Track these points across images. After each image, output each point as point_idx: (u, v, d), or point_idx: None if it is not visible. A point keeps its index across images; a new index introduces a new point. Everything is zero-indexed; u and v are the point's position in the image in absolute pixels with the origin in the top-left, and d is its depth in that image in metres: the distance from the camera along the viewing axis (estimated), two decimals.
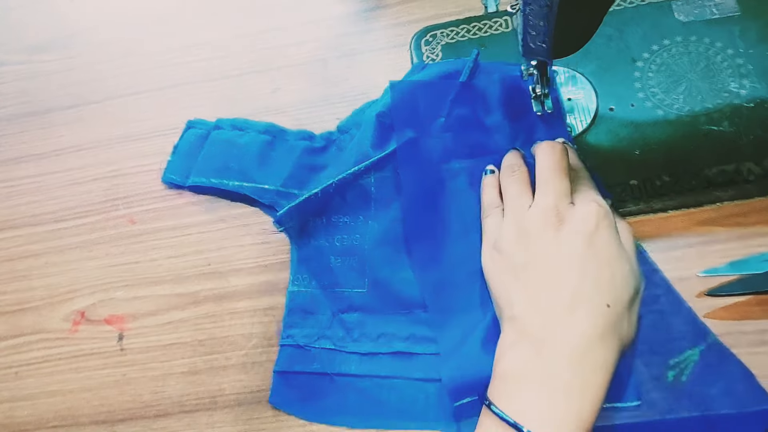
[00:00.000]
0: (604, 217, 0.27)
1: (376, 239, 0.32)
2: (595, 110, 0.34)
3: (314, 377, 0.31)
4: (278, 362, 0.32)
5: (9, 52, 0.46)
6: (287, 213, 0.33)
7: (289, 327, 0.32)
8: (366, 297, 0.32)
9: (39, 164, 0.41)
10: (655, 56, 0.35)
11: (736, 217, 0.31)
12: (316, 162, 0.36)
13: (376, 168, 0.33)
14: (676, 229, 0.31)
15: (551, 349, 0.24)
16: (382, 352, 0.30)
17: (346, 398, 0.30)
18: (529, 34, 0.28)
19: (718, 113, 0.33)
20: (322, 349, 0.31)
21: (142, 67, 0.43)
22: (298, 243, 0.34)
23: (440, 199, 0.32)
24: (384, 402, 0.29)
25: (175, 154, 0.38)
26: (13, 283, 0.38)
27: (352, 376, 0.30)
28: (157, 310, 0.35)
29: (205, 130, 0.38)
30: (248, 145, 0.36)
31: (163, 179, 0.38)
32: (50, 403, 0.34)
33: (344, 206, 0.33)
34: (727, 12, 0.35)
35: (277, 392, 0.31)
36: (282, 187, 0.35)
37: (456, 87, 0.34)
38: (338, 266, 0.33)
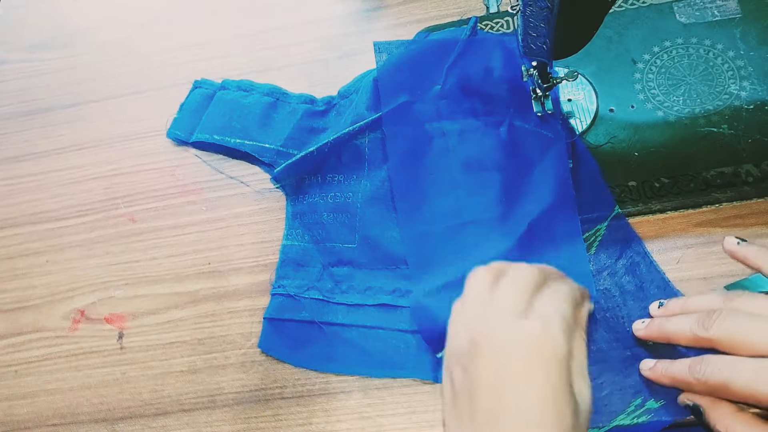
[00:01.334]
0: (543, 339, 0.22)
1: (368, 197, 0.34)
2: (595, 111, 0.34)
3: (303, 325, 0.32)
4: (269, 310, 0.32)
5: (10, 51, 0.46)
6: (284, 170, 0.35)
7: (281, 278, 0.33)
8: (355, 252, 0.33)
9: (39, 163, 0.41)
10: (656, 58, 0.35)
11: (735, 219, 0.31)
12: (316, 125, 0.37)
13: (370, 129, 0.34)
14: (674, 231, 0.31)
15: None
16: (369, 304, 0.32)
17: (332, 346, 0.31)
18: (530, 35, 0.28)
19: (717, 115, 0.33)
20: (311, 299, 0.32)
21: (142, 67, 0.43)
22: (293, 199, 0.35)
23: (427, 158, 0.33)
24: (369, 351, 0.31)
25: (181, 111, 0.39)
26: (13, 281, 0.38)
27: (339, 325, 0.31)
28: (156, 308, 0.35)
29: (211, 90, 0.39)
30: (252, 106, 0.38)
31: (168, 135, 0.39)
32: (50, 401, 0.34)
33: (339, 165, 0.35)
34: (729, 14, 0.35)
35: (267, 338, 0.32)
36: (282, 147, 0.36)
37: (453, 55, 0.34)
38: (330, 222, 0.34)
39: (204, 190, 0.38)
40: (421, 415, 0.30)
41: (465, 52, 0.34)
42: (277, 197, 0.37)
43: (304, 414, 0.31)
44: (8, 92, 0.44)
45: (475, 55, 0.34)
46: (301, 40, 0.41)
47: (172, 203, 0.38)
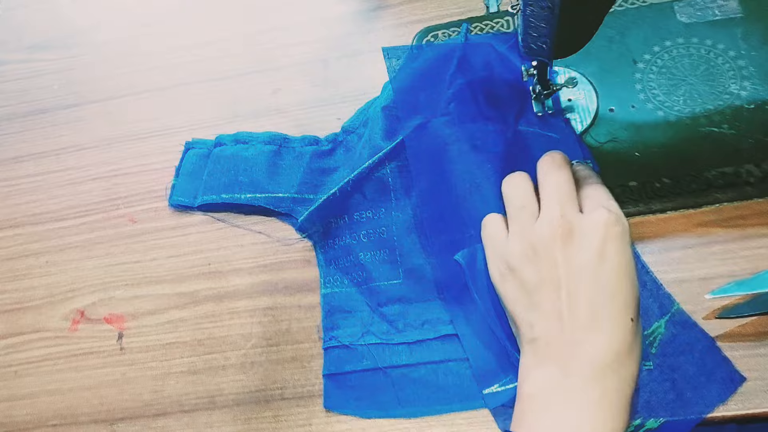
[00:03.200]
0: (614, 223, 0.25)
1: (402, 228, 0.33)
2: (595, 111, 0.34)
3: (366, 374, 0.30)
4: (326, 365, 0.31)
5: (10, 52, 0.46)
6: (308, 218, 0.33)
7: (331, 329, 0.32)
8: (403, 287, 0.32)
9: (39, 163, 0.41)
10: (657, 58, 0.35)
11: (736, 219, 0.31)
12: (326, 165, 0.36)
13: (389, 158, 0.33)
14: (675, 231, 0.31)
15: (576, 369, 0.24)
16: (430, 338, 0.30)
17: (402, 390, 0.30)
18: (530, 35, 0.28)
19: (718, 115, 0.33)
20: (369, 345, 0.31)
21: (142, 67, 0.43)
22: (323, 245, 0.34)
23: (447, 170, 0.32)
24: (442, 386, 0.29)
25: (178, 176, 0.38)
26: (13, 282, 0.38)
27: (405, 366, 0.30)
28: (156, 309, 0.35)
29: (206, 149, 0.38)
30: (255, 157, 0.36)
31: (171, 203, 0.37)
32: (50, 401, 0.34)
33: (364, 202, 0.33)
34: (730, 14, 0.35)
35: (330, 396, 0.30)
36: (296, 194, 0.35)
37: (453, 63, 0.34)
38: (369, 261, 0.32)
39: None
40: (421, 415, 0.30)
41: (464, 58, 0.34)
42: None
43: (305, 415, 0.31)
44: (8, 93, 0.44)
45: (474, 60, 0.34)
46: (301, 40, 0.41)
47: None
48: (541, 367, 0.25)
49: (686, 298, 0.29)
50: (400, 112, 0.33)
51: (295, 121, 0.38)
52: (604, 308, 0.24)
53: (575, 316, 0.24)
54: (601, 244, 0.25)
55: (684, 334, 0.28)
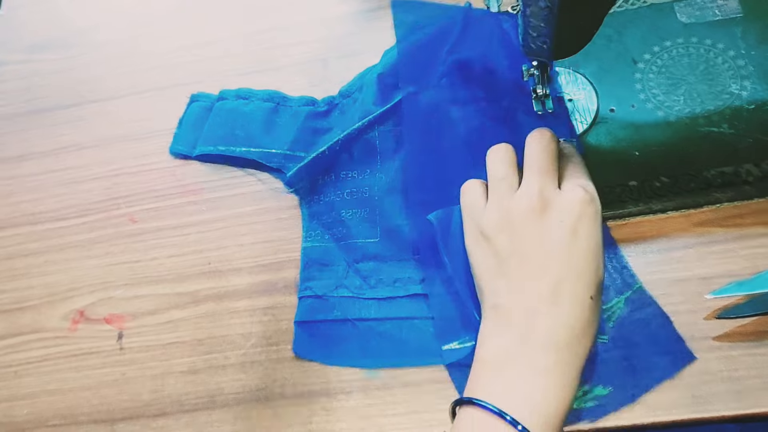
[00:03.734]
0: (589, 203, 0.26)
1: (385, 189, 0.34)
2: (595, 111, 0.34)
3: (335, 324, 0.32)
4: (298, 313, 0.32)
5: (10, 51, 0.46)
6: (297, 173, 0.35)
7: (307, 280, 0.33)
8: (379, 245, 0.33)
9: (40, 163, 0.41)
10: (656, 57, 0.35)
11: (735, 219, 0.31)
12: (320, 125, 0.37)
13: (378, 122, 0.34)
14: (674, 230, 0.31)
15: (533, 339, 0.24)
16: (400, 295, 0.32)
17: (367, 341, 0.31)
18: (530, 35, 0.28)
19: (718, 115, 0.33)
20: (341, 297, 0.32)
21: (142, 67, 0.43)
22: (309, 201, 0.35)
23: (437, 138, 0.34)
24: (405, 341, 0.31)
25: (180, 126, 0.39)
26: (12, 281, 0.38)
27: (373, 320, 0.31)
28: (156, 309, 0.35)
29: (208, 102, 0.39)
30: (253, 113, 0.38)
31: (171, 150, 0.38)
32: (49, 401, 0.34)
33: (351, 161, 0.35)
34: (730, 13, 0.35)
35: (300, 342, 0.32)
36: (289, 150, 0.36)
37: (450, 40, 0.35)
38: (350, 218, 0.34)
39: (204, 190, 0.38)
40: (422, 414, 0.30)
41: (462, 34, 0.35)
42: (276, 197, 0.37)
43: (305, 414, 0.31)
44: (8, 92, 0.44)
45: (472, 36, 0.35)
46: (301, 40, 0.41)
47: (172, 203, 0.38)
48: (500, 333, 0.25)
49: (686, 297, 0.29)
50: (395, 80, 0.35)
51: None
52: (568, 285, 0.25)
53: (539, 288, 0.25)
54: (574, 223, 0.26)
55: (641, 311, 0.29)
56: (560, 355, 0.24)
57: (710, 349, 0.28)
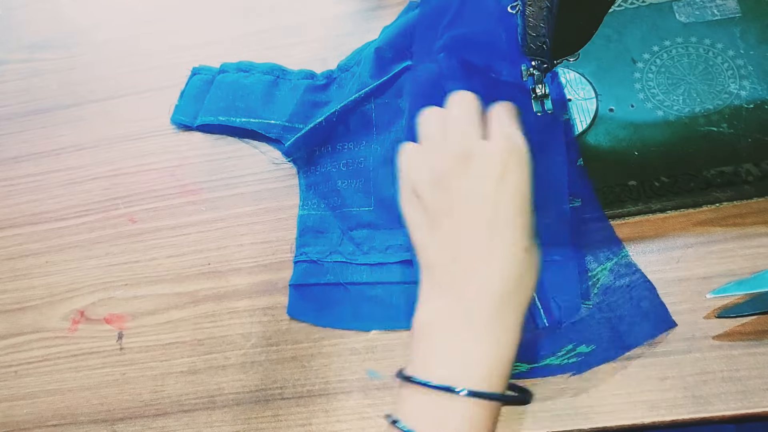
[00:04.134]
0: (512, 151, 0.25)
1: (379, 161, 0.35)
2: (594, 111, 0.34)
3: (328, 288, 0.33)
4: (293, 277, 0.33)
5: (10, 51, 0.46)
6: (294, 143, 0.36)
7: (302, 246, 0.34)
8: (372, 214, 0.34)
9: (39, 163, 0.41)
10: (656, 57, 0.35)
11: (735, 218, 0.31)
12: (319, 98, 0.38)
13: (375, 95, 0.35)
14: (674, 230, 0.31)
15: (469, 297, 0.24)
16: (391, 261, 0.33)
17: (358, 305, 0.32)
18: (529, 35, 0.28)
19: (717, 114, 0.33)
20: (334, 262, 0.33)
21: (142, 67, 0.43)
22: (306, 171, 0.36)
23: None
24: (395, 304, 0.32)
25: (182, 98, 0.40)
26: (13, 281, 0.38)
27: (364, 284, 0.32)
28: (156, 309, 0.35)
29: (210, 75, 0.40)
30: (253, 85, 0.38)
31: (172, 120, 0.39)
32: (49, 401, 0.34)
33: (347, 133, 0.36)
34: (728, 13, 0.35)
35: (294, 304, 0.33)
36: (287, 122, 0.37)
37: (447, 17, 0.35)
38: (345, 188, 0.35)
39: (203, 191, 0.38)
40: None
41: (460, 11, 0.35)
42: (275, 197, 0.37)
43: (304, 414, 0.31)
44: (8, 92, 0.44)
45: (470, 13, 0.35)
46: (301, 40, 0.41)
47: (171, 203, 0.38)
48: (436, 294, 0.25)
49: (686, 297, 0.29)
50: (393, 55, 0.36)
51: None
52: (498, 236, 0.24)
53: (470, 244, 0.24)
54: (500, 172, 0.25)
55: (625, 277, 0.30)
56: (497, 311, 0.23)
57: (710, 348, 0.28)
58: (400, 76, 0.35)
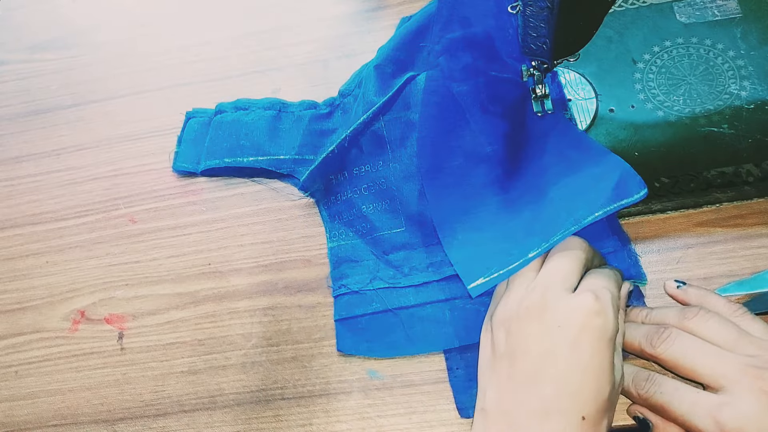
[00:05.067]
0: (596, 314, 0.23)
1: (401, 177, 0.34)
2: (594, 111, 0.34)
3: (376, 316, 0.31)
4: (337, 311, 0.32)
5: (10, 52, 0.46)
6: (310, 177, 0.34)
7: (339, 279, 0.33)
8: (405, 234, 0.33)
9: (40, 163, 0.41)
10: (656, 58, 0.35)
11: (735, 219, 0.31)
12: (325, 127, 0.37)
13: (383, 112, 0.34)
14: (675, 231, 0.31)
15: None
16: (435, 279, 0.31)
17: (411, 328, 0.31)
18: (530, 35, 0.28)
19: (718, 115, 0.33)
20: (377, 289, 0.32)
21: (142, 67, 0.43)
22: (326, 202, 0.35)
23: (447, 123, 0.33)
24: (449, 322, 0.31)
25: (181, 144, 0.39)
26: (13, 282, 0.38)
27: (413, 306, 0.31)
28: (156, 309, 0.35)
29: (206, 117, 0.39)
30: (256, 122, 0.37)
31: (174, 168, 0.38)
32: (50, 402, 0.34)
33: (362, 156, 0.35)
34: (729, 14, 0.35)
35: (342, 339, 0.31)
36: (297, 155, 0.36)
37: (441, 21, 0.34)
38: (371, 212, 0.34)
39: (204, 191, 0.38)
40: (422, 415, 0.30)
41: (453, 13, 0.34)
42: (276, 197, 0.37)
43: (305, 415, 0.31)
44: (8, 93, 0.44)
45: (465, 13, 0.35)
46: (301, 41, 0.41)
47: (172, 204, 0.38)
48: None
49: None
50: (393, 69, 0.35)
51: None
52: (558, 403, 0.23)
53: (527, 401, 0.23)
54: (576, 333, 0.23)
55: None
56: None
57: None
58: (404, 88, 0.34)
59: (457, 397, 0.29)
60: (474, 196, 0.32)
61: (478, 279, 0.28)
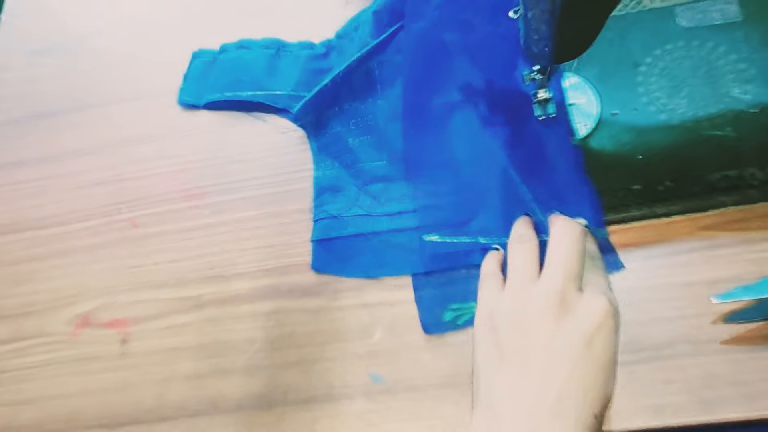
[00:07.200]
0: (611, 316, 0.24)
1: (387, 116, 0.36)
2: (597, 115, 0.34)
3: (350, 240, 0.34)
4: (315, 233, 0.34)
5: (13, 57, 0.46)
6: (303, 108, 0.37)
7: (321, 205, 0.35)
8: (386, 168, 0.35)
9: (42, 168, 0.41)
10: (658, 61, 0.35)
11: (740, 222, 0.31)
12: (321, 66, 0.39)
13: (376, 53, 0.36)
14: (679, 235, 0.31)
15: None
16: (409, 210, 0.34)
17: (381, 253, 0.33)
18: (532, 39, 0.28)
19: (721, 118, 0.33)
20: (354, 216, 0.34)
21: (144, 72, 0.43)
22: (316, 134, 0.37)
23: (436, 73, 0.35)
24: (416, 250, 0.32)
25: (186, 80, 0.41)
26: (16, 286, 0.38)
27: (386, 232, 0.33)
28: (159, 313, 0.35)
29: (210, 56, 0.41)
30: (256, 60, 0.40)
31: (179, 102, 0.40)
32: (52, 406, 0.34)
33: (353, 92, 0.37)
34: (730, 17, 0.35)
35: (318, 259, 0.34)
36: (293, 91, 0.38)
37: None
38: (356, 146, 0.36)
39: (207, 195, 0.38)
40: (426, 421, 0.30)
41: None
42: (279, 201, 0.37)
43: (308, 420, 0.31)
44: (11, 97, 0.44)
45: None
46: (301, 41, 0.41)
47: (174, 208, 0.38)
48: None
49: (692, 301, 0.29)
50: (391, 17, 0.36)
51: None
52: (572, 400, 0.23)
53: (541, 398, 0.23)
54: (592, 333, 0.24)
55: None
56: None
57: (717, 352, 0.28)
58: (398, 32, 0.36)
59: (422, 315, 0.31)
60: (448, 143, 0.34)
61: (433, 235, 0.32)
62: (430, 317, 0.31)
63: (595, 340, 0.24)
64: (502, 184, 0.32)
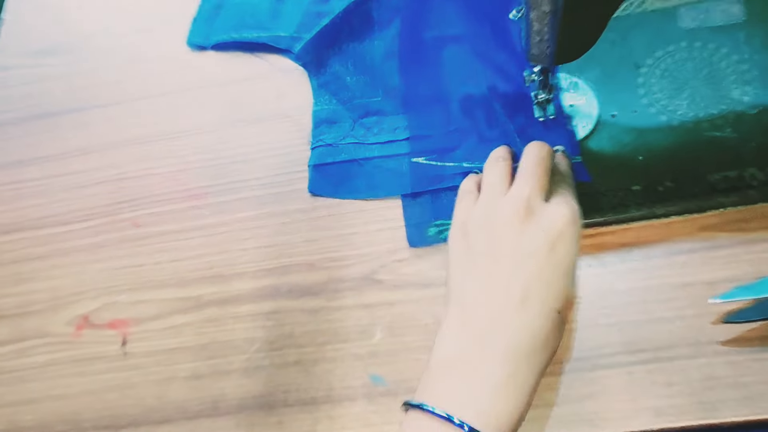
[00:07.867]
0: (572, 222, 0.26)
1: (383, 55, 0.39)
2: (597, 116, 0.34)
3: (344, 165, 0.36)
4: (312, 158, 0.37)
5: (15, 56, 0.46)
6: (304, 48, 0.39)
7: (318, 135, 0.38)
8: (381, 103, 0.38)
9: (44, 167, 0.41)
10: (659, 62, 0.35)
11: (739, 223, 0.31)
12: (323, 9, 0.41)
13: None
14: (679, 235, 0.31)
15: (494, 344, 0.24)
16: (400, 138, 0.36)
17: (372, 176, 0.36)
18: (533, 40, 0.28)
19: (721, 119, 0.33)
20: (348, 144, 0.37)
21: (147, 72, 0.43)
22: (316, 73, 0.39)
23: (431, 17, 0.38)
24: (405, 173, 0.35)
25: (195, 23, 0.43)
26: (17, 285, 0.38)
27: (377, 158, 0.36)
28: (160, 314, 0.35)
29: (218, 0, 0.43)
30: (260, 3, 0.42)
31: (188, 42, 0.42)
32: (53, 407, 0.34)
33: (352, 32, 0.39)
34: (733, 18, 0.35)
35: (314, 182, 0.36)
36: (295, 33, 0.40)
37: None
38: (354, 83, 0.38)
39: (208, 195, 0.38)
40: None
41: None
42: (279, 201, 0.37)
43: (309, 421, 0.31)
44: (14, 97, 0.44)
45: None
46: None
47: (175, 208, 0.38)
48: (461, 334, 0.25)
49: (691, 302, 0.29)
50: None
51: (299, 125, 0.39)
52: (536, 293, 0.25)
53: (508, 292, 0.25)
54: (554, 237, 0.26)
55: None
56: (517, 367, 0.24)
57: (716, 354, 0.28)
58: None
59: (408, 231, 0.34)
60: (441, 77, 0.37)
61: (420, 157, 0.35)
62: (416, 233, 0.34)
63: (558, 246, 0.26)
64: (487, 118, 0.35)
